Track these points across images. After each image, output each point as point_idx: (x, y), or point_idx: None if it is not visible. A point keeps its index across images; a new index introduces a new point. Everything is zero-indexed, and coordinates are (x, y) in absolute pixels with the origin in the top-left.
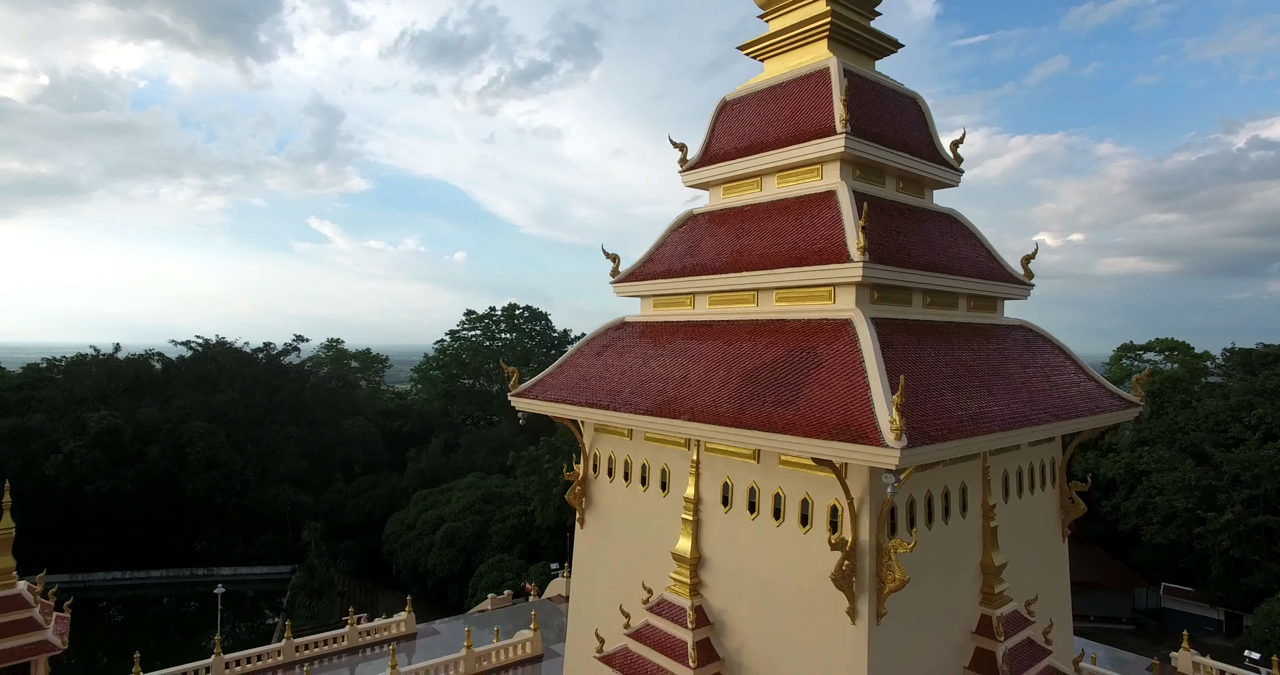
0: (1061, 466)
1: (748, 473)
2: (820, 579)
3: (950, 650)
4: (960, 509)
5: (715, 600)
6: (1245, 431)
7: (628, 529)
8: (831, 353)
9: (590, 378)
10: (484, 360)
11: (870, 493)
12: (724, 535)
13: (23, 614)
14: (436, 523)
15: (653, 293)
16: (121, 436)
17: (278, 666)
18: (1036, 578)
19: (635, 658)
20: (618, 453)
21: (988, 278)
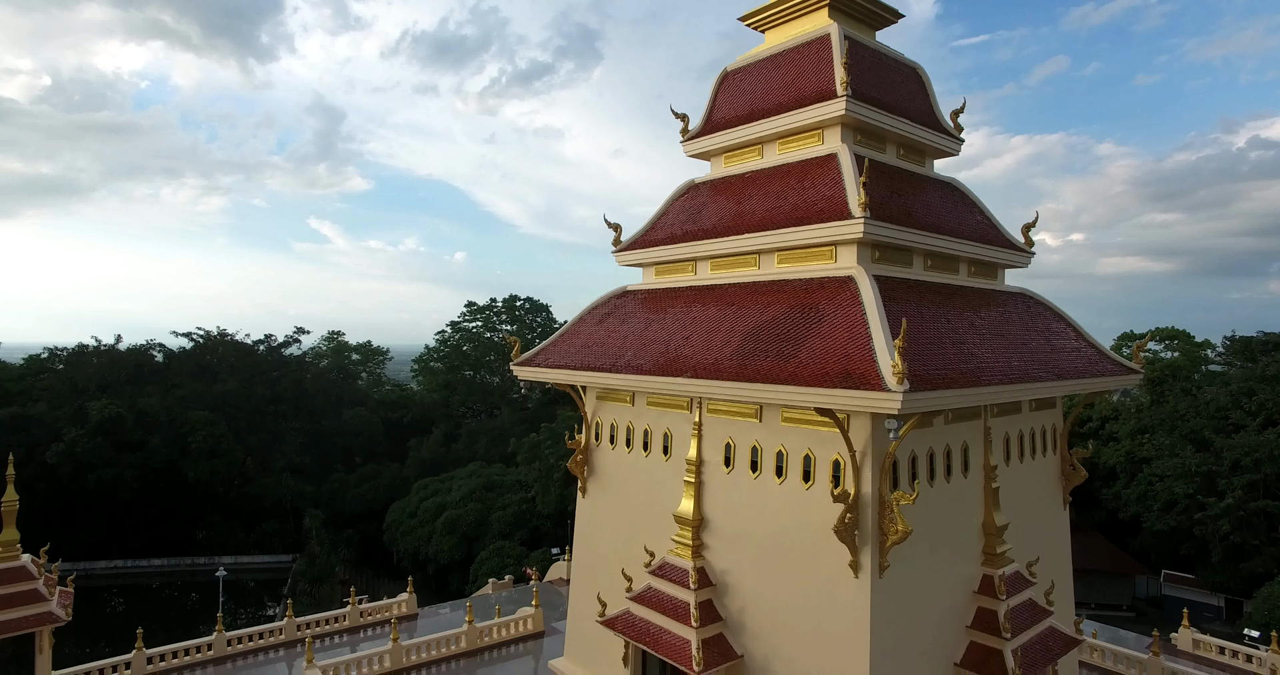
0: (1063, 434)
1: (750, 432)
2: (822, 535)
3: (953, 609)
4: (962, 469)
5: (717, 562)
6: (1246, 418)
7: (630, 495)
8: (833, 308)
9: (592, 344)
10: (485, 352)
11: (872, 445)
12: (726, 496)
13: (27, 586)
14: (437, 510)
15: (654, 260)
16: (123, 425)
17: (279, 645)
18: (1037, 542)
19: (637, 620)
20: (619, 419)
21: (989, 243)
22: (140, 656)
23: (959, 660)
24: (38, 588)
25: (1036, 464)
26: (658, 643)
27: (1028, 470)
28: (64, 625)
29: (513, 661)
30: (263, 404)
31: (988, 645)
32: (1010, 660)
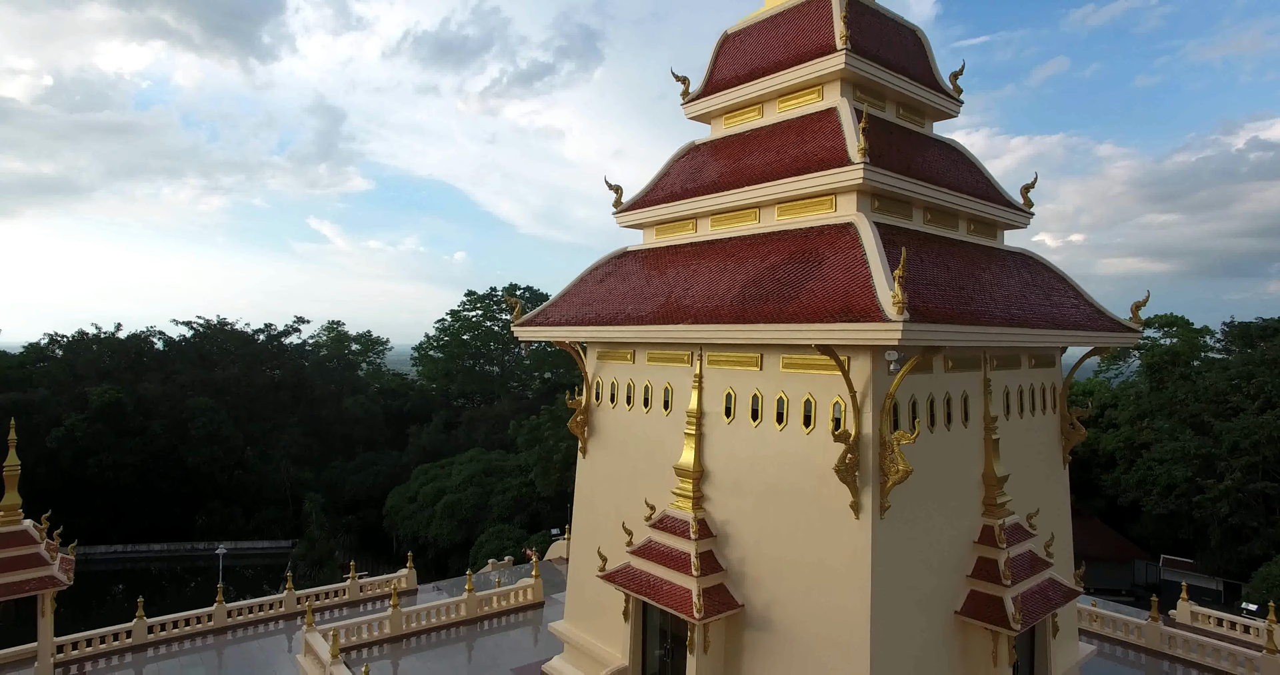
0: (1063, 393)
1: (750, 381)
2: (823, 478)
3: (953, 557)
4: (962, 418)
5: (718, 513)
6: (1245, 401)
7: (630, 453)
8: (833, 252)
9: (593, 302)
10: (485, 341)
11: (873, 387)
12: (727, 446)
13: (29, 549)
14: (437, 495)
15: (655, 219)
16: (123, 410)
17: (279, 617)
18: (1037, 497)
19: (638, 573)
20: (620, 377)
21: (989, 200)
22: (141, 624)
23: (959, 608)
24: (40, 552)
25: (1036, 421)
26: (658, 593)
27: (1027, 426)
28: (64, 608)
29: (512, 630)
30: (262, 392)
31: (988, 593)
32: (1010, 606)
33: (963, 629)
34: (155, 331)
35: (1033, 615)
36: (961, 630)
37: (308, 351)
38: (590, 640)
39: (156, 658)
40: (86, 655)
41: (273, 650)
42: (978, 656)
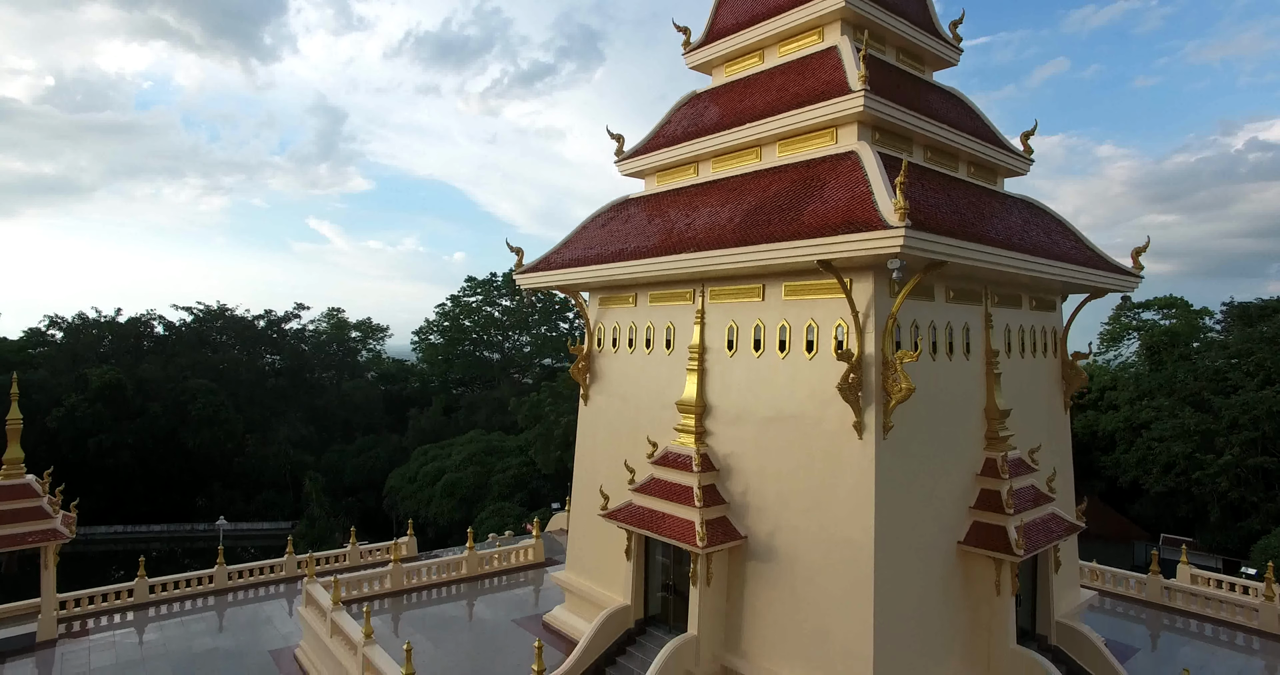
0: (1063, 338)
1: (752, 312)
2: (825, 404)
3: (956, 489)
4: (964, 349)
5: (720, 447)
6: (1244, 379)
7: (632, 396)
8: (834, 176)
9: (595, 245)
10: (485, 327)
11: (875, 307)
12: (729, 379)
13: (32, 502)
14: (437, 474)
15: (656, 164)
16: (123, 391)
17: (279, 580)
18: (1039, 436)
19: (640, 510)
20: (622, 322)
21: (989, 143)
22: (143, 584)
23: (962, 538)
24: (42, 505)
25: (1037, 363)
26: (661, 526)
27: (1029, 367)
28: (64, 585)
29: (514, 589)
30: (262, 376)
31: (991, 523)
32: (1013, 534)
33: (966, 559)
34: (155, 316)
35: (1035, 543)
36: (965, 560)
37: (308, 337)
38: (591, 587)
39: (158, 617)
40: (89, 612)
41: (274, 611)
42: (981, 586)
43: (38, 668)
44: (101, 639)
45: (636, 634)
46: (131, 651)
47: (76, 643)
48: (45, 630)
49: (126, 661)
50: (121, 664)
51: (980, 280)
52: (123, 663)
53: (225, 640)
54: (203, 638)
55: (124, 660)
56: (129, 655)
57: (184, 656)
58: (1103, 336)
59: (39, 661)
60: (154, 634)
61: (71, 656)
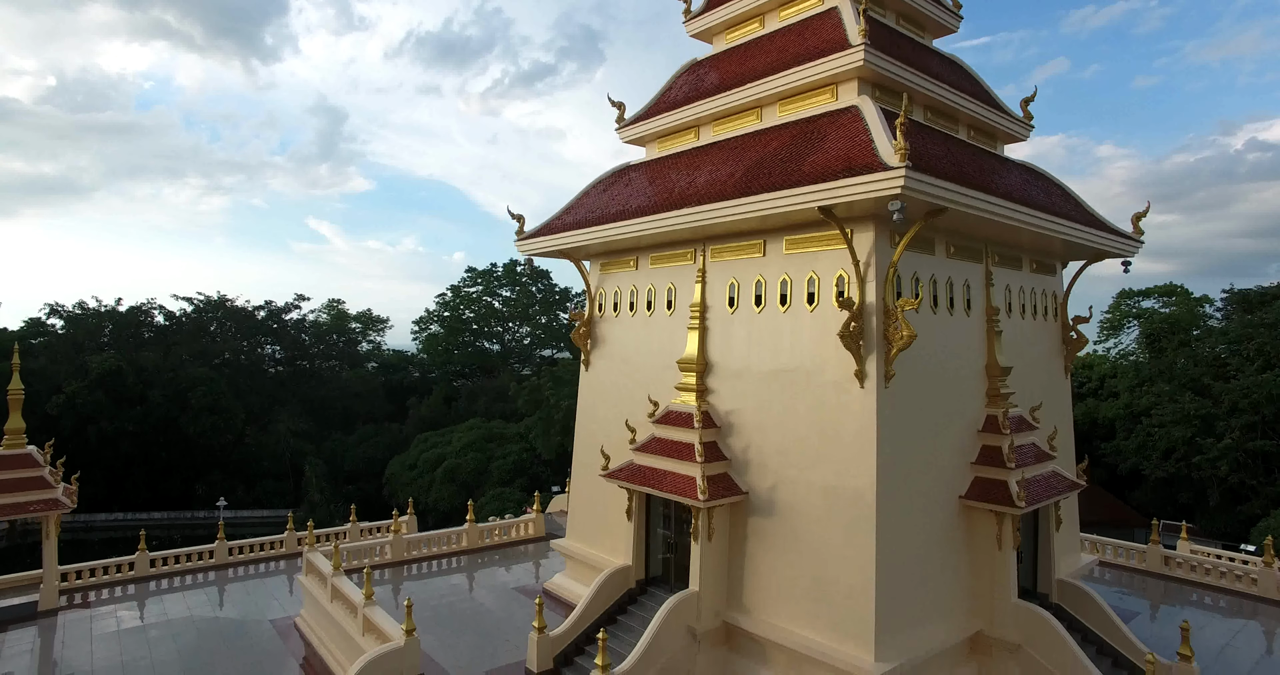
0: (1063, 303)
1: (753, 268)
2: (826, 355)
3: (957, 445)
4: (965, 305)
5: (722, 404)
6: (1244, 363)
7: (633, 359)
8: (834, 129)
9: (596, 209)
10: (486, 318)
11: (876, 257)
12: (730, 337)
13: (34, 472)
14: (437, 461)
15: (657, 130)
16: (124, 379)
17: (280, 557)
18: (1039, 396)
19: (641, 468)
20: (623, 286)
21: (990, 107)
22: (143, 557)
23: (964, 493)
24: (44, 475)
25: (1038, 326)
26: (662, 483)
27: (1029, 328)
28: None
29: (515, 562)
30: (263, 365)
31: (992, 477)
32: (1014, 487)
33: (968, 514)
34: (155, 305)
35: (1036, 497)
36: (967, 515)
37: (308, 328)
38: (593, 552)
39: (159, 591)
40: (90, 584)
41: (275, 586)
42: (983, 541)
43: (40, 635)
44: (103, 610)
45: (638, 594)
46: (133, 621)
47: (78, 613)
48: (47, 600)
49: (128, 629)
50: (123, 632)
51: (980, 238)
52: (124, 630)
53: (226, 611)
54: (203, 609)
55: (125, 628)
56: (130, 624)
57: (185, 625)
58: (1103, 325)
59: (41, 629)
60: (155, 605)
61: (73, 625)
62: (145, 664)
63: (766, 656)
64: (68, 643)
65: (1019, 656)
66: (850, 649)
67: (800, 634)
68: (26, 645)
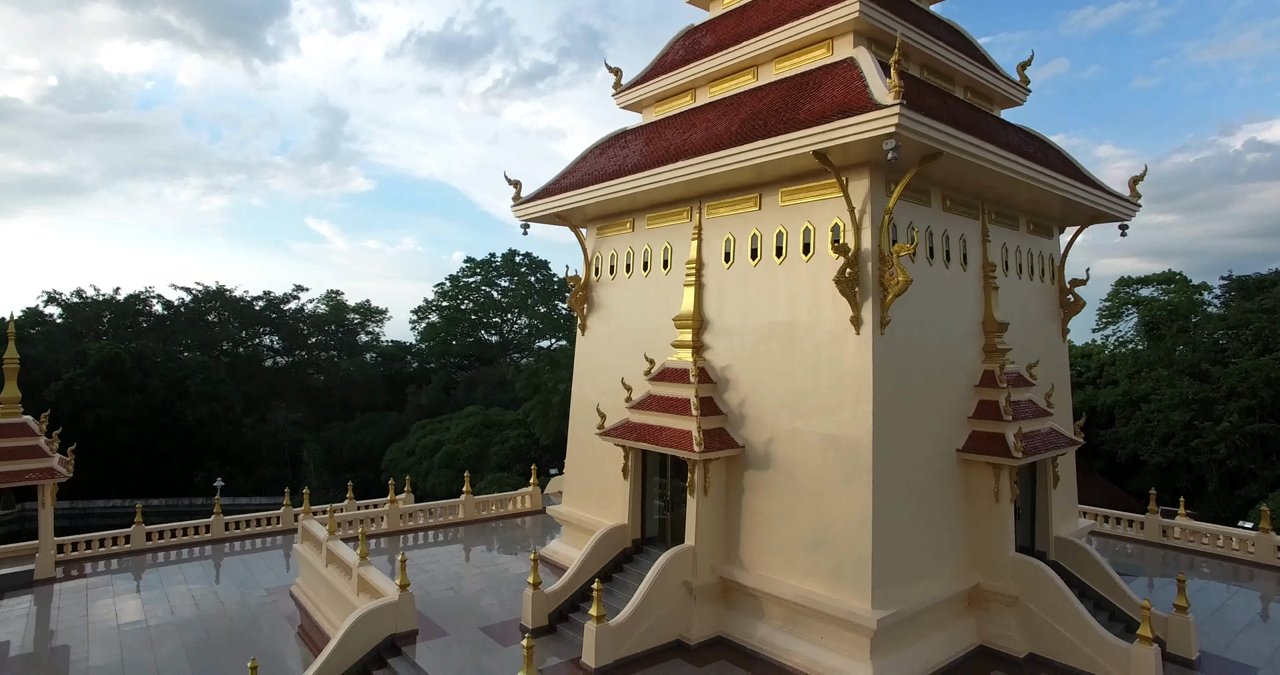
0: (1060, 266)
1: (749, 222)
2: (822, 304)
3: (954, 399)
4: (961, 260)
5: (718, 360)
6: (1243, 348)
7: (629, 321)
8: (830, 79)
9: (594, 172)
10: (485, 309)
11: (871, 204)
12: (726, 292)
13: (30, 441)
14: (435, 447)
15: (653, 93)
16: (122, 366)
17: (277, 532)
18: (1036, 355)
19: (637, 425)
20: (619, 248)
21: (986, 67)
22: (139, 530)
23: (961, 446)
24: (40, 445)
25: (1035, 287)
26: (658, 438)
27: (1026, 289)
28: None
29: (511, 532)
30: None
31: (989, 431)
32: (1011, 439)
33: (965, 468)
34: (154, 294)
35: (1034, 449)
36: (964, 469)
37: (306, 318)
38: (589, 517)
39: (155, 564)
40: (85, 556)
41: (271, 560)
42: (980, 494)
43: (36, 602)
44: (98, 580)
45: (634, 553)
46: (128, 590)
47: (73, 583)
48: (43, 568)
49: (123, 597)
50: (118, 600)
51: (977, 193)
52: (119, 599)
53: (222, 583)
54: (199, 580)
55: (121, 596)
56: (126, 593)
57: (181, 595)
58: (1101, 313)
59: (37, 596)
60: (151, 576)
61: (69, 593)
62: (140, 630)
63: (763, 610)
64: (63, 609)
65: (1017, 609)
66: (848, 598)
67: (798, 586)
68: (22, 611)
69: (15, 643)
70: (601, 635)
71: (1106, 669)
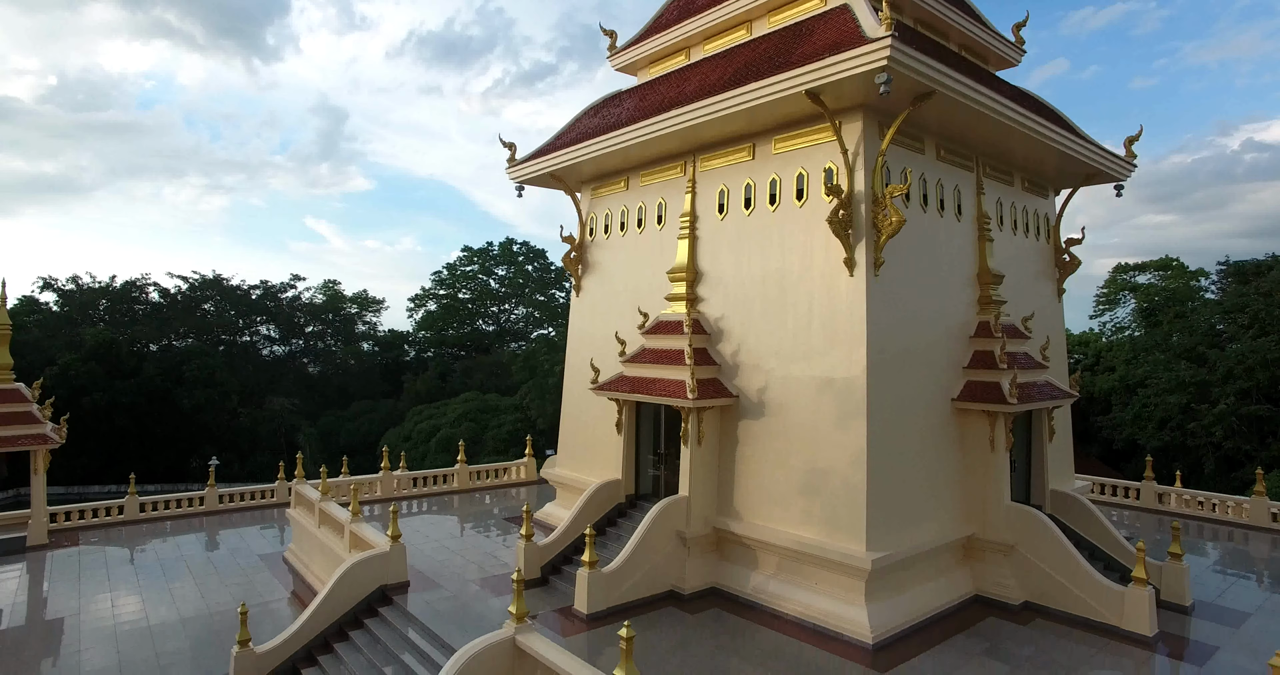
0: (1056, 225)
1: (743, 172)
2: (815, 250)
3: (949, 352)
4: (955, 210)
5: (712, 312)
6: (1240, 332)
7: (624, 278)
8: (824, 24)
9: (589, 130)
10: (481, 300)
11: (865, 146)
12: (719, 243)
13: (22, 407)
14: (432, 431)
15: (648, 54)
16: (117, 351)
17: (272, 505)
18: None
19: (631, 378)
20: (614, 207)
21: (981, 24)
22: (133, 501)
23: (956, 395)
24: (32, 410)
25: (1030, 245)
26: (651, 388)
27: (1021, 246)
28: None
29: (506, 501)
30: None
31: (985, 380)
32: (1006, 386)
33: (961, 417)
34: (150, 281)
35: (1029, 397)
36: (960, 419)
37: (303, 306)
38: (581, 477)
39: (148, 535)
40: (79, 525)
41: (265, 531)
42: (976, 443)
43: (29, 567)
44: (91, 548)
45: (627, 508)
46: (122, 557)
47: (66, 549)
48: (36, 535)
49: (116, 563)
50: (111, 566)
51: (970, 146)
52: (113, 565)
53: (215, 551)
54: (192, 548)
55: (114, 562)
56: (119, 559)
57: (174, 562)
58: (1098, 300)
59: (30, 562)
60: (145, 544)
61: (63, 558)
62: (134, 593)
63: (757, 560)
64: (55, 574)
65: (1013, 558)
66: (843, 541)
67: (792, 533)
68: (14, 576)
69: (5, 604)
70: (594, 581)
71: (1102, 613)
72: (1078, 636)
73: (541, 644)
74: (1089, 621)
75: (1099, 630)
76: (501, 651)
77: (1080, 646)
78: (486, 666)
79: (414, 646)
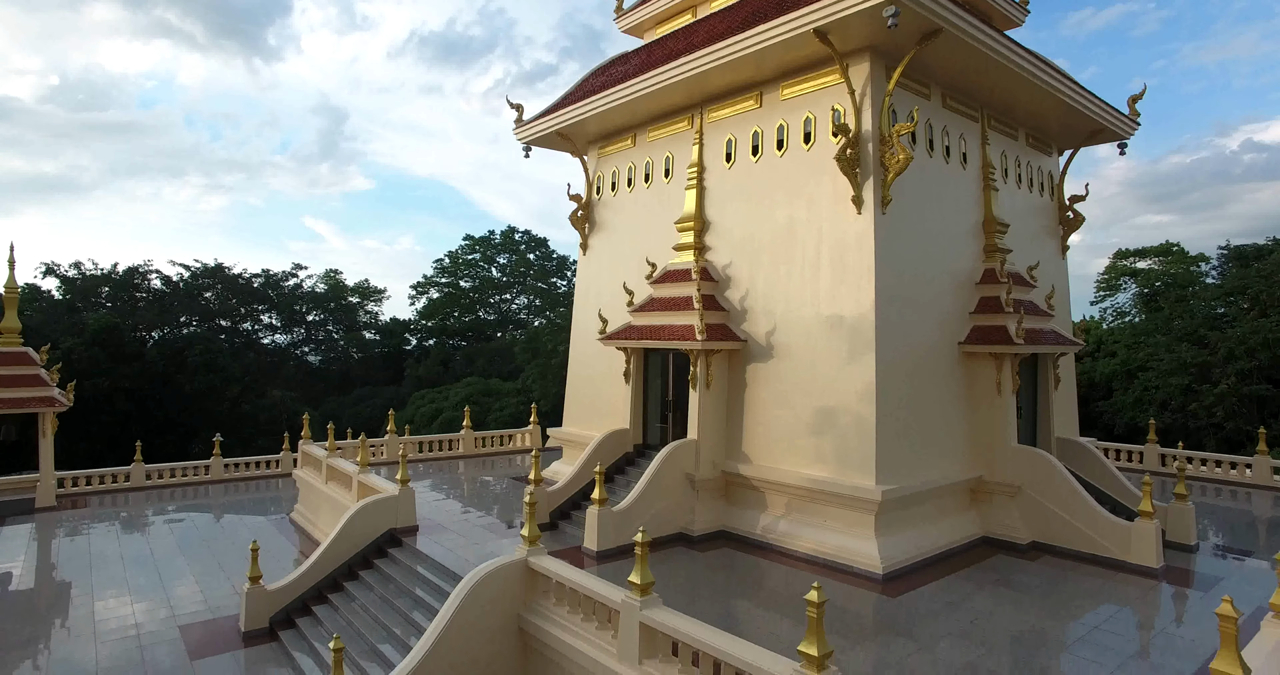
0: (1059, 183)
1: (750, 121)
2: (822, 190)
3: (956, 299)
4: (960, 158)
5: (719, 259)
6: (1241, 313)
7: (632, 233)
8: None
9: (596, 88)
10: (484, 289)
11: (871, 87)
12: (727, 193)
13: (30, 370)
14: (434, 415)
15: (654, 13)
16: (120, 335)
17: (276, 476)
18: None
19: (639, 326)
20: (620, 165)
21: None
22: (139, 469)
23: (963, 339)
24: (40, 374)
25: (1034, 200)
26: (659, 334)
27: (1025, 200)
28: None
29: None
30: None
31: (991, 324)
32: (1013, 328)
33: (968, 362)
34: (152, 268)
35: (1035, 340)
36: (967, 363)
37: (305, 294)
38: (587, 434)
39: (155, 500)
40: (85, 491)
41: (271, 497)
42: (982, 386)
43: (37, 528)
44: (99, 511)
45: (635, 457)
46: (129, 520)
47: (74, 511)
48: (44, 497)
49: (125, 525)
50: (120, 527)
51: (976, 97)
52: (122, 526)
53: (222, 515)
54: (199, 511)
55: (123, 523)
56: (127, 519)
57: (182, 524)
58: (1098, 285)
59: (38, 523)
60: (151, 508)
61: (70, 519)
62: (144, 552)
63: (766, 502)
64: (64, 534)
65: (1019, 500)
66: (853, 475)
67: (802, 472)
68: (22, 536)
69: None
70: (603, 519)
71: (1109, 548)
72: (1086, 570)
73: (554, 563)
74: (1096, 557)
75: (1107, 564)
76: (514, 571)
77: (1089, 578)
78: (500, 586)
79: (425, 581)
